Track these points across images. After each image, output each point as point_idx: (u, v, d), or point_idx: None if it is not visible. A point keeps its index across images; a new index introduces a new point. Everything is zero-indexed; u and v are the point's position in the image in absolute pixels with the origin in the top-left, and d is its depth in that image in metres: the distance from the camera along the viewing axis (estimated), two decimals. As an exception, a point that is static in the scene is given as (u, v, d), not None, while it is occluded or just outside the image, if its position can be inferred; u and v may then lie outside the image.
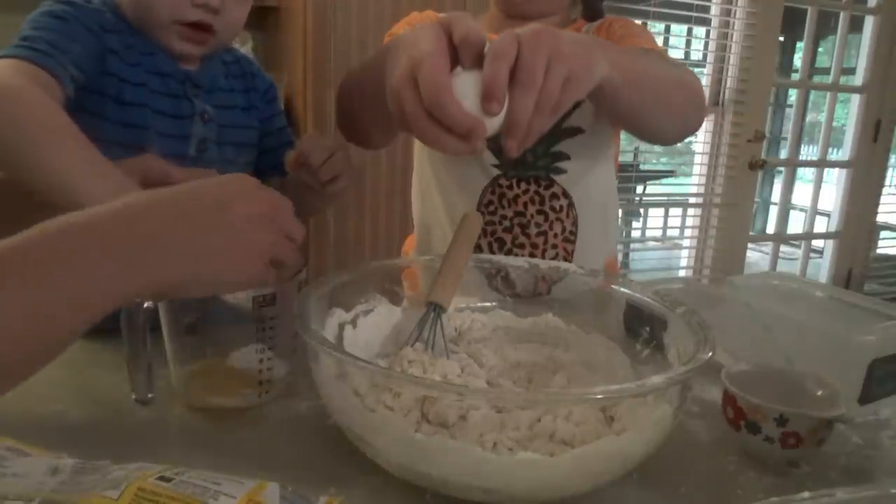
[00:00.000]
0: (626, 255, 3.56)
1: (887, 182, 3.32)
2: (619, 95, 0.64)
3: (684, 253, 3.01)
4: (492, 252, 0.92)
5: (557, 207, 0.92)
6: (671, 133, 0.84)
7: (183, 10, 0.76)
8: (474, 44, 0.52)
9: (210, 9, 0.77)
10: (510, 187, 0.91)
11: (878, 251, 3.36)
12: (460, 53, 0.53)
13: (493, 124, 0.52)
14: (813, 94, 4.39)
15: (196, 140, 0.82)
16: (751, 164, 2.82)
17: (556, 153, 0.91)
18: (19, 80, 0.62)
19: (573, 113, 0.90)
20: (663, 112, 0.76)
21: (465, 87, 0.51)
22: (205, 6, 0.77)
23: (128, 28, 0.78)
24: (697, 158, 2.94)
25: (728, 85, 2.74)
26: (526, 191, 0.91)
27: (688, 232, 2.97)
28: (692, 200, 2.96)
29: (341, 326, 0.63)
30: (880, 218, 3.21)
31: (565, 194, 0.92)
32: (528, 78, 0.51)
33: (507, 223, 0.92)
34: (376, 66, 0.63)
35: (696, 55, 2.97)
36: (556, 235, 0.92)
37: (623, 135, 1.04)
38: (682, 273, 3.00)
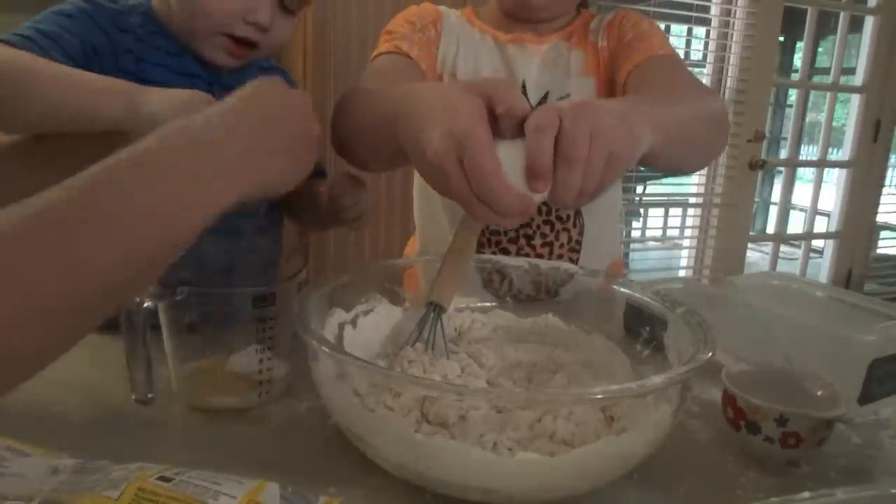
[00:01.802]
0: (626, 255, 3.56)
1: (887, 182, 3.32)
2: (658, 157, 0.62)
3: (684, 253, 3.01)
4: None
5: (564, 217, 0.90)
6: (699, 167, 0.83)
7: (233, 25, 0.76)
8: (518, 116, 0.51)
9: (260, 27, 0.77)
10: None
11: (878, 251, 3.35)
12: (502, 124, 0.51)
13: (536, 198, 0.50)
14: (813, 94, 4.39)
15: None
16: (751, 164, 2.82)
17: None
18: None
19: None
20: (697, 155, 0.76)
21: (508, 159, 0.49)
22: (256, 24, 0.77)
23: (159, 30, 0.79)
24: (697, 158, 2.93)
25: (728, 85, 2.74)
26: None
27: (688, 232, 2.97)
28: (692, 200, 2.96)
29: (341, 326, 0.63)
30: (880, 218, 3.21)
31: None
32: (573, 154, 0.48)
33: (511, 234, 0.90)
34: (386, 116, 0.61)
35: (696, 55, 2.97)
36: (561, 245, 0.91)
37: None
38: (682, 273, 3.00)
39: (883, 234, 3.32)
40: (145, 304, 0.53)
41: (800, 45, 3.23)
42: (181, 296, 0.56)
